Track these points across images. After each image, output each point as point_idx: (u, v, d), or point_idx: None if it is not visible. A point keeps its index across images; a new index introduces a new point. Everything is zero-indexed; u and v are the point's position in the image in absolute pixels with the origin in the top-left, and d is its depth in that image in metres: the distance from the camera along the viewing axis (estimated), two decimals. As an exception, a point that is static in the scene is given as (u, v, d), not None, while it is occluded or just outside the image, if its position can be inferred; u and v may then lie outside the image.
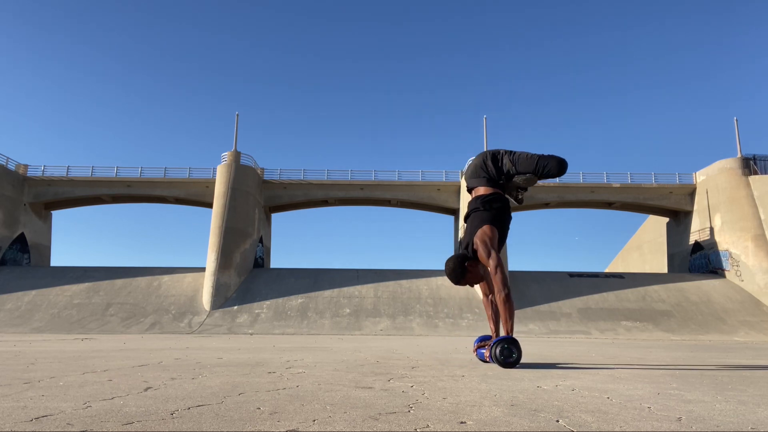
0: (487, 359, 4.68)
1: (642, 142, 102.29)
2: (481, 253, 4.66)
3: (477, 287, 4.97)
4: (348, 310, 29.90)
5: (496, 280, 4.55)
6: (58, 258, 73.79)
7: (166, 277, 33.02)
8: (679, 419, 2.10)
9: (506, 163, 4.91)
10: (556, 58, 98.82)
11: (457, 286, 31.67)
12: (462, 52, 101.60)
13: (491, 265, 4.58)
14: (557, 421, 2.04)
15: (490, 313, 5.05)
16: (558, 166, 4.82)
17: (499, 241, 4.80)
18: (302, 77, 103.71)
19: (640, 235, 45.98)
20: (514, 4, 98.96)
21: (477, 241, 4.70)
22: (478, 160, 5.10)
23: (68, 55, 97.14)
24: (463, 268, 4.75)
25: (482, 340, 5.09)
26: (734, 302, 31.04)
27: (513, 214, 5.11)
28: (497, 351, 4.36)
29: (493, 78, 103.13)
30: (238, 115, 37.02)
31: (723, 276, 33.99)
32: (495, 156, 4.99)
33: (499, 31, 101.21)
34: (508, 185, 5.04)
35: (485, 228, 4.74)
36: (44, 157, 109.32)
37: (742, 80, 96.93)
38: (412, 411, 2.23)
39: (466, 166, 32.99)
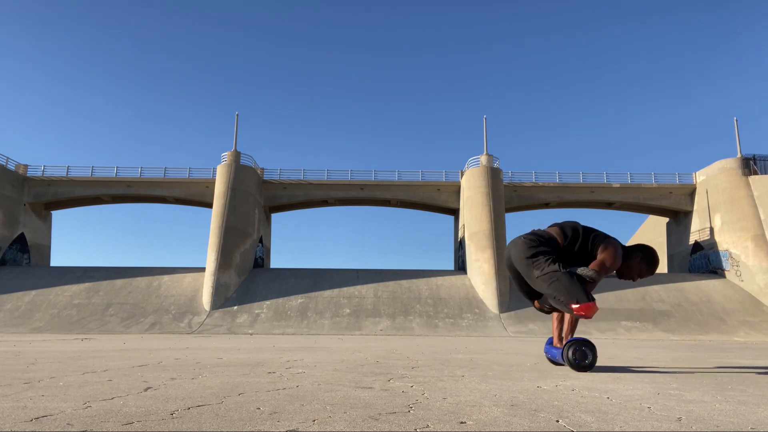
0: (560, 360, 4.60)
1: (642, 142, 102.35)
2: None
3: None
4: (348, 310, 29.89)
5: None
6: (58, 258, 73.80)
7: (166, 277, 33.01)
8: (679, 419, 2.10)
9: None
10: (556, 58, 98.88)
11: (457, 286, 31.77)
12: (462, 52, 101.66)
13: None
14: (557, 421, 2.04)
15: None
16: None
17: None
18: (303, 77, 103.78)
19: (640, 235, 45.93)
20: (512, 4, 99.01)
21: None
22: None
23: (68, 54, 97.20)
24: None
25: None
26: (734, 302, 31.03)
27: (512, 214, 5.10)
28: (570, 353, 4.30)
29: (492, 78, 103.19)
30: (237, 114, 37.02)
31: (723, 276, 33.97)
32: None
33: (498, 31, 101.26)
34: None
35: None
36: (44, 157, 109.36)
37: (742, 79, 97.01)
38: (412, 411, 2.23)
39: (466, 167, 32.66)
